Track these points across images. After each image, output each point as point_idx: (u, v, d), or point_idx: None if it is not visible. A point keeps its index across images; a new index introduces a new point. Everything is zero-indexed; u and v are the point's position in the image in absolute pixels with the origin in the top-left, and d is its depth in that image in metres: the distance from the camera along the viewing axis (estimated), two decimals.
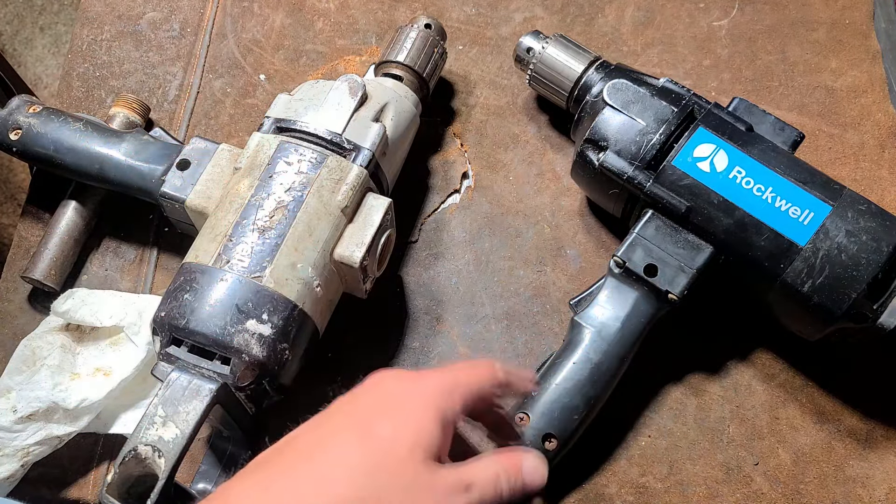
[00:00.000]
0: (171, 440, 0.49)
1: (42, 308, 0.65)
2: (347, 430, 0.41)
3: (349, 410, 0.42)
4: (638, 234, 0.58)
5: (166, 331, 0.52)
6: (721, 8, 0.75)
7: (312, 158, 0.56)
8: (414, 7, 0.76)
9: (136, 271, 0.66)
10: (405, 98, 0.64)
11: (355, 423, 0.41)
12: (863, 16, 0.74)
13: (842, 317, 0.54)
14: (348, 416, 0.42)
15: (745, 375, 0.62)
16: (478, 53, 0.74)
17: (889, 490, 0.59)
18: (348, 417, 0.42)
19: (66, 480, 0.59)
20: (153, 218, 0.67)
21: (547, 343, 0.63)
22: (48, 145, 0.62)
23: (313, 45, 0.74)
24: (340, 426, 0.41)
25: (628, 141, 0.58)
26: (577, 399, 0.56)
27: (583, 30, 0.75)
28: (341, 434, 0.41)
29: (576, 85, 0.64)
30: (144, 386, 0.59)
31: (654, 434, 0.61)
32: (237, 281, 0.52)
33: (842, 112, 0.71)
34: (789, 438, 0.60)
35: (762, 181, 0.56)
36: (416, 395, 0.42)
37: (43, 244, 0.64)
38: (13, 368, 0.56)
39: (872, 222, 0.54)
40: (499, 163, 0.70)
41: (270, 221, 0.54)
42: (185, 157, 0.60)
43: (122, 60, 0.73)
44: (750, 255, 0.56)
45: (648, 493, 0.59)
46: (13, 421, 0.54)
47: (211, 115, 0.71)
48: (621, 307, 0.57)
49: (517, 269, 0.66)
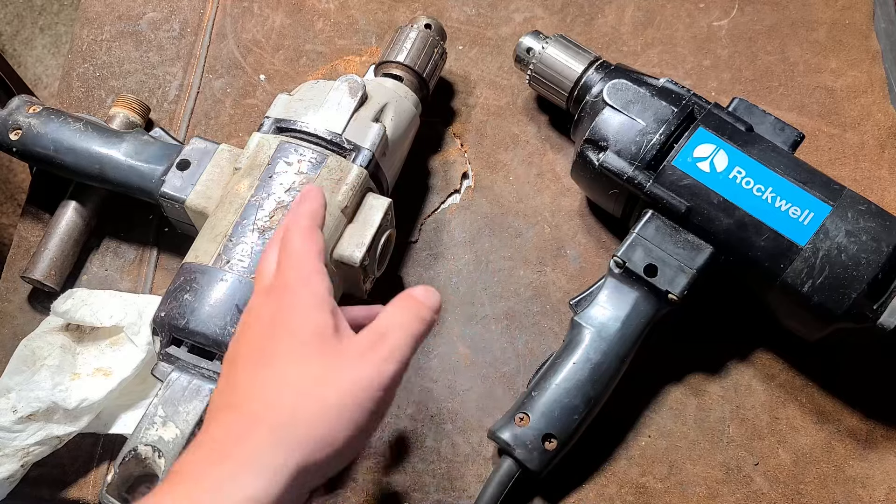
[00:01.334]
0: (171, 440, 0.49)
1: (42, 308, 0.65)
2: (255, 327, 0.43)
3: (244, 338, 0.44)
4: (638, 234, 0.58)
5: (166, 331, 0.52)
6: (721, 8, 0.75)
7: (312, 158, 0.56)
8: (414, 7, 0.76)
9: (136, 271, 0.66)
10: (405, 98, 0.64)
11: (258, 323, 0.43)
12: (863, 16, 0.74)
13: (842, 317, 0.54)
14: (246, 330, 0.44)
15: (745, 375, 0.62)
16: (478, 53, 0.74)
17: (889, 490, 0.59)
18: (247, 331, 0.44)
19: (66, 480, 0.59)
20: (153, 218, 0.67)
21: (547, 343, 0.63)
22: (48, 145, 0.62)
23: (313, 45, 0.74)
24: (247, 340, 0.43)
25: (628, 141, 0.58)
26: (577, 399, 0.56)
27: (583, 30, 0.75)
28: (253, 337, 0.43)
29: (576, 85, 0.64)
30: (144, 386, 0.59)
31: (654, 434, 0.61)
32: (237, 281, 0.52)
33: (842, 112, 0.71)
34: (789, 438, 0.60)
35: (762, 181, 0.56)
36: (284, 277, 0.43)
37: (43, 244, 0.64)
38: (13, 368, 0.56)
39: (872, 222, 0.54)
40: (499, 163, 0.70)
41: (270, 221, 0.54)
42: (185, 158, 0.60)
43: (122, 60, 0.73)
44: (750, 255, 0.56)
45: (648, 493, 0.59)
46: (13, 421, 0.54)
47: (211, 115, 0.71)
48: (621, 307, 0.57)
49: (517, 269, 0.66)
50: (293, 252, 0.43)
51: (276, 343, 0.41)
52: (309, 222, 0.45)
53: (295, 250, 0.43)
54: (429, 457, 0.60)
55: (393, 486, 0.59)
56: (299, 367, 0.40)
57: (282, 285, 0.43)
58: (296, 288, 0.42)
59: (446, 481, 0.59)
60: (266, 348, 0.41)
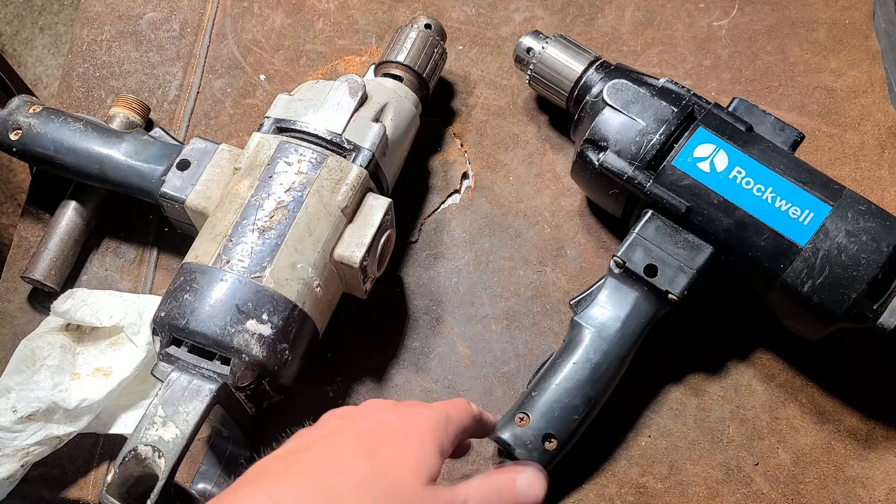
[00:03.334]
0: (171, 440, 0.49)
1: (42, 308, 0.65)
2: (353, 449, 0.42)
3: (352, 431, 0.44)
4: (638, 234, 0.58)
5: (166, 331, 0.52)
6: (721, 8, 0.75)
7: (312, 159, 0.56)
8: (414, 7, 0.76)
9: (136, 271, 0.66)
10: (405, 98, 0.64)
11: (360, 444, 0.43)
12: (863, 16, 0.74)
13: (842, 317, 0.54)
14: (352, 436, 0.43)
15: (745, 375, 0.62)
16: (478, 53, 0.74)
17: (889, 490, 0.59)
18: (352, 438, 0.43)
19: (66, 480, 0.59)
20: (153, 218, 0.67)
21: (547, 343, 0.63)
22: (48, 145, 0.62)
23: (313, 45, 0.74)
24: (345, 445, 0.43)
25: (628, 141, 0.58)
26: (577, 399, 0.56)
27: (583, 30, 0.75)
28: (347, 452, 0.42)
29: (576, 85, 0.64)
30: (144, 386, 0.59)
31: (654, 434, 0.61)
32: (237, 281, 0.52)
33: (842, 112, 0.71)
34: (789, 438, 0.60)
35: (762, 181, 0.56)
36: (415, 426, 0.45)
37: (43, 244, 0.64)
38: (13, 368, 0.56)
39: (872, 222, 0.54)
40: (499, 163, 0.70)
41: (270, 221, 0.54)
42: (185, 158, 0.60)
43: (122, 60, 0.73)
44: (750, 256, 0.56)
45: (648, 493, 0.59)
46: (13, 421, 0.54)
47: (211, 115, 0.71)
48: (621, 307, 0.57)
49: (517, 269, 0.66)
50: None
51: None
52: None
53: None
54: None
55: None
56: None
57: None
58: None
59: (446, 481, 0.59)
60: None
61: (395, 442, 0.43)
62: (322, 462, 0.42)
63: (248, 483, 0.41)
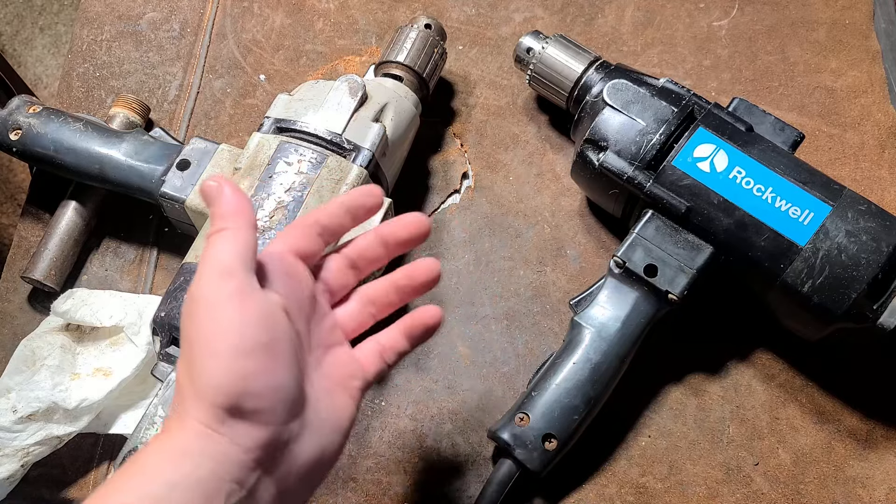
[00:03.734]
0: None
1: (42, 308, 0.65)
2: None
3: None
4: (638, 234, 0.58)
5: (166, 331, 0.52)
6: (721, 8, 0.75)
7: (312, 159, 0.56)
8: (414, 7, 0.76)
9: (136, 271, 0.66)
10: (405, 98, 0.64)
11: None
12: (863, 16, 0.74)
13: (842, 317, 0.54)
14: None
15: (745, 375, 0.62)
16: (478, 53, 0.74)
17: (889, 490, 0.59)
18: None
19: (66, 480, 0.59)
20: (153, 218, 0.67)
21: (547, 343, 0.63)
22: (48, 145, 0.62)
23: (313, 45, 0.74)
24: None
25: (628, 141, 0.58)
26: (577, 399, 0.56)
27: (583, 30, 0.75)
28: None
29: (576, 85, 0.64)
30: (144, 386, 0.59)
31: (654, 434, 0.61)
32: None
33: (842, 112, 0.71)
34: (789, 438, 0.60)
35: (762, 181, 0.56)
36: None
37: (43, 244, 0.64)
38: (13, 368, 0.56)
39: (872, 222, 0.54)
40: (499, 163, 0.70)
41: (270, 221, 0.54)
42: (185, 158, 0.60)
43: (122, 60, 0.73)
44: (750, 256, 0.56)
45: (648, 493, 0.59)
46: (13, 421, 0.54)
47: (211, 115, 0.71)
48: (621, 307, 0.57)
49: (517, 269, 0.66)
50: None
51: None
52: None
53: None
54: (429, 457, 0.60)
55: (393, 486, 0.59)
56: None
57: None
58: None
59: (446, 481, 0.59)
60: None
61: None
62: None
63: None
